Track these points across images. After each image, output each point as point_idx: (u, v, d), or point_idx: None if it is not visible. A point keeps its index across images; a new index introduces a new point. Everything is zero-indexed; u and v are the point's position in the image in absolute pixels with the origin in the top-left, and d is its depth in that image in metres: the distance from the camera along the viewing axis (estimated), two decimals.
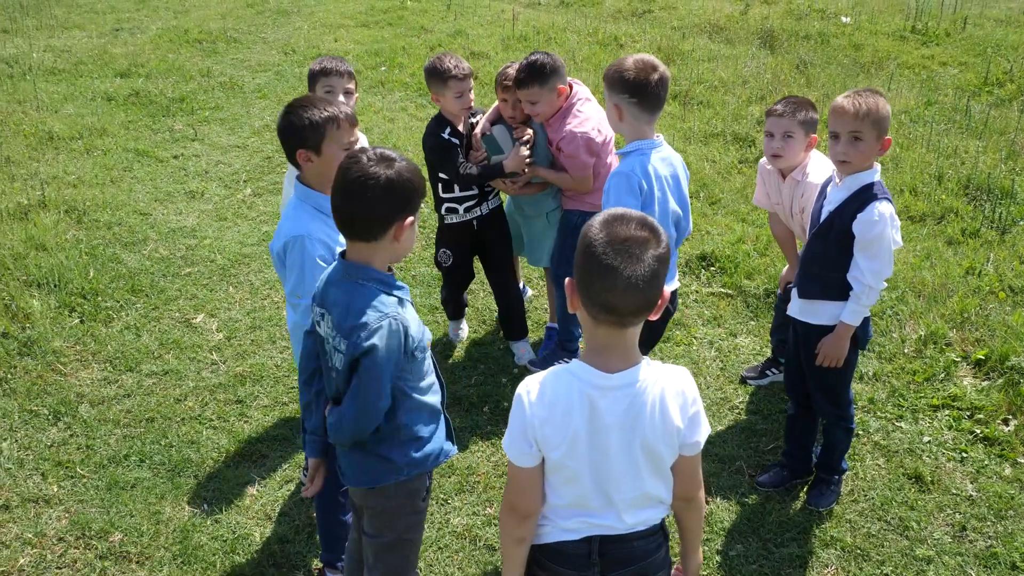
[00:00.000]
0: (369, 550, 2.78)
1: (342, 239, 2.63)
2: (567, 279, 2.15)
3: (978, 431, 4.18)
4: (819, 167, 3.97)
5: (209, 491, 3.90)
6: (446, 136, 4.41)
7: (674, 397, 2.18)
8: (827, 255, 3.46)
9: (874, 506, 3.79)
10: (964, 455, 4.05)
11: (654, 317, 2.15)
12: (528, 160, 4.38)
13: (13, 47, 10.55)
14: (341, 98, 3.95)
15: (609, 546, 2.27)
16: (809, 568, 3.50)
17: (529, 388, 2.21)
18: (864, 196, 3.36)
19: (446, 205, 4.56)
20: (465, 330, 5.07)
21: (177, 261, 5.86)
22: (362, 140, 3.69)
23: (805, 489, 3.87)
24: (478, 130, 4.49)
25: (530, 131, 4.44)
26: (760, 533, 3.66)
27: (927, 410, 4.34)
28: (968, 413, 4.30)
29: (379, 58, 10.06)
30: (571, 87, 4.35)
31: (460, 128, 4.47)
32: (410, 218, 2.52)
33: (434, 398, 2.71)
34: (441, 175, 4.50)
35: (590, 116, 4.27)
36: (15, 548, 3.58)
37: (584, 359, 2.19)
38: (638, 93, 3.39)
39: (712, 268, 5.62)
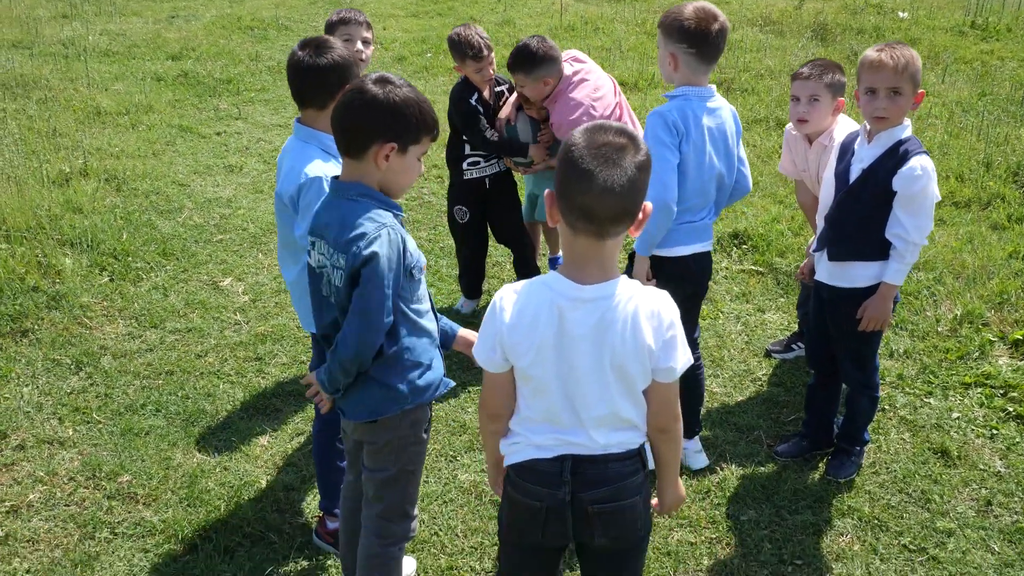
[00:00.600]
0: (370, 485, 2.74)
1: None
2: (547, 191, 2.10)
3: (1011, 409, 4.00)
4: (846, 132, 3.84)
5: (221, 440, 3.91)
6: (472, 102, 4.50)
7: (648, 317, 2.11)
8: (861, 214, 3.33)
9: (896, 478, 3.65)
10: (995, 432, 3.88)
11: (635, 232, 2.09)
12: (547, 155, 4.51)
13: (71, 30, 10.82)
14: (359, 46, 3.95)
15: (582, 466, 2.20)
16: (823, 536, 3.37)
17: (503, 296, 2.18)
18: (901, 151, 3.24)
19: (470, 159, 4.62)
20: (475, 304, 5.04)
21: (210, 228, 5.92)
22: None
23: (824, 461, 3.74)
24: (503, 114, 4.56)
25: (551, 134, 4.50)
26: (774, 500, 3.54)
27: (958, 387, 4.18)
28: (1001, 391, 4.12)
29: (425, 45, 10.12)
30: (573, 62, 4.42)
31: (486, 95, 4.53)
32: (391, 145, 2.47)
33: (431, 324, 2.67)
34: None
35: (582, 101, 4.28)
36: (26, 485, 3.62)
37: (561, 271, 2.14)
38: (697, 43, 3.28)
39: (744, 246, 5.49)
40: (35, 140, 7.32)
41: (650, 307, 2.11)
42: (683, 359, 2.15)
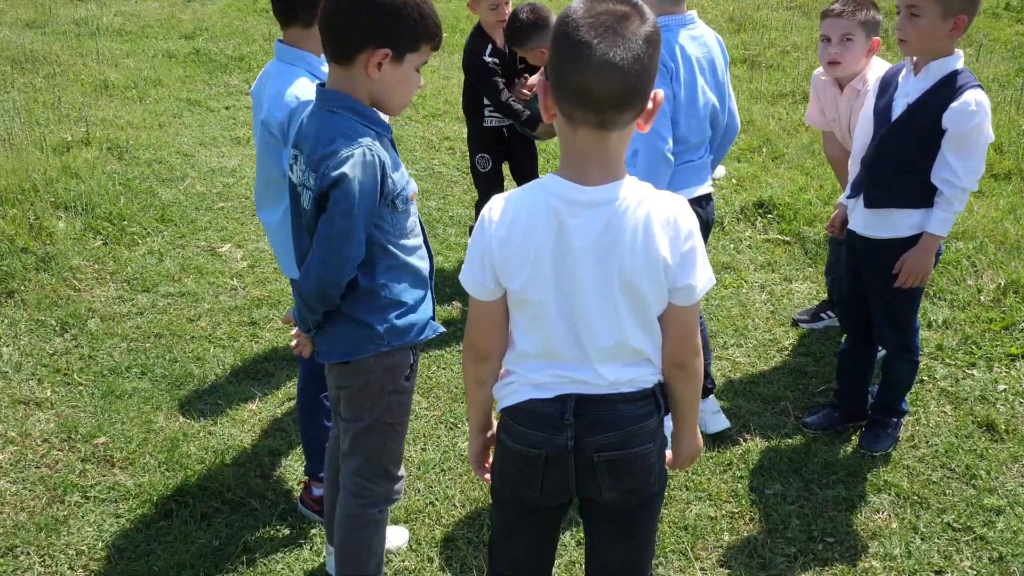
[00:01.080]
0: (346, 437, 2.46)
1: None
2: (541, 80, 1.80)
3: None
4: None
5: (207, 404, 3.65)
6: (487, 58, 4.30)
7: (663, 225, 1.78)
8: (903, 155, 3.01)
9: (937, 453, 3.33)
10: None
11: (644, 125, 1.78)
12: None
13: (85, 11, 10.67)
14: None
15: (587, 407, 1.89)
16: (857, 512, 3.07)
17: (492, 205, 1.86)
18: (953, 84, 2.91)
19: (489, 106, 4.44)
20: None
21: (212, 196, 5.68)
22: None
23: (858, 434, 3.44)
24: (533, 79, 4.37)
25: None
26: (803, 474, 3.24)
27: (1003, 359, 3.85)
28: None
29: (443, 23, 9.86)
30: None
31: (500, 44, 4.33)
32: (384, 51, 2.18)
33: (420, 263, 2.38)
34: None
35: None
36: None
37: (559, 172, 1.81)
38: None
39: (769, 216, 5.18)
40: (39, 111, 7.14)
41: (665, 213, 1.79)
42: (704, 277, 1.83)
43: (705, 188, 3.22)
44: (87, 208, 5.27)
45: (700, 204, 3.20)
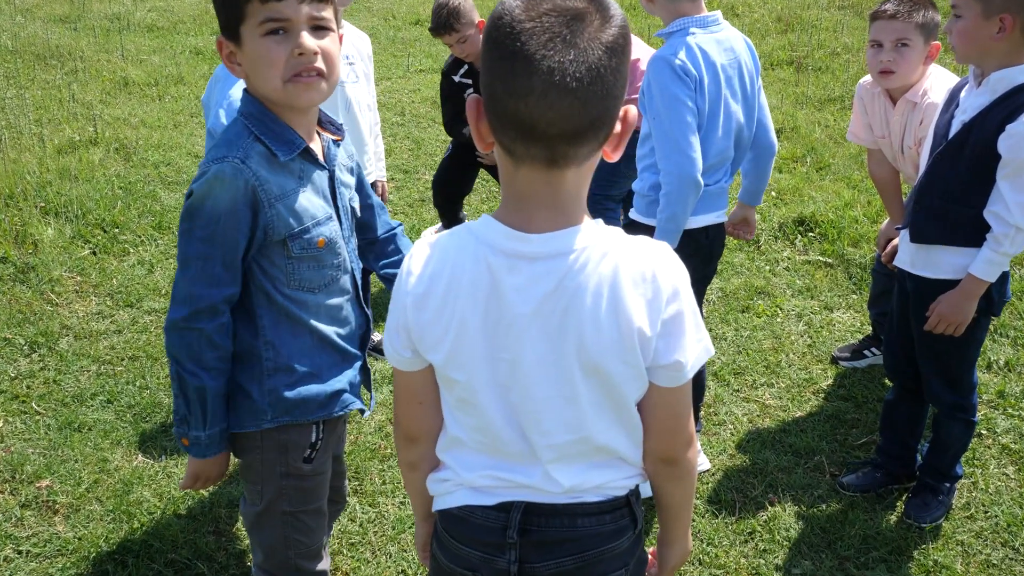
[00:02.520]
0: (245, 522, 2.09)
1: None
2: (471, 97, 1.35)
3: None
4: (943, 85, 3.05)
5: (171, 440, 3.30)
6: (458, 79, 4.24)
7: (636, 283, 1.32)
8: (956, 182, 2.54)
9: (997, 527, 2.86)
10: None
11: (613, 153, 1.33)
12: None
13: (120, 6, 10.49)
14: None
15: (537, 519, 1.44)
16: None
17: (413, 252, 1.42)
18: (1016, 101, 2.43)
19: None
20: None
21: None
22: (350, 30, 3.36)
23: (904, 499, 2.97)
24: None
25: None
26: (837, 548, 2.79)
27: None
28: None
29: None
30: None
31: (478, 66, 4.19)
32: (219, 40, 1.78)
33: (331, 328, 1.94)
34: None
35: None
36: None
37: (496, 214, 1.37)
38: None
39: (810, 234, 4.70)
40: (55, 108, 6.92)
41: (639, 267, 1.33)
42: (695, 348, 1.37)
43: (716, 218, 2.80)
44: (79, 214, 4.98)
45: (706, 233, 2.77)
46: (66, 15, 10.11)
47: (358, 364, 2.03)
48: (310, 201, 1.83)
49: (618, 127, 1.31)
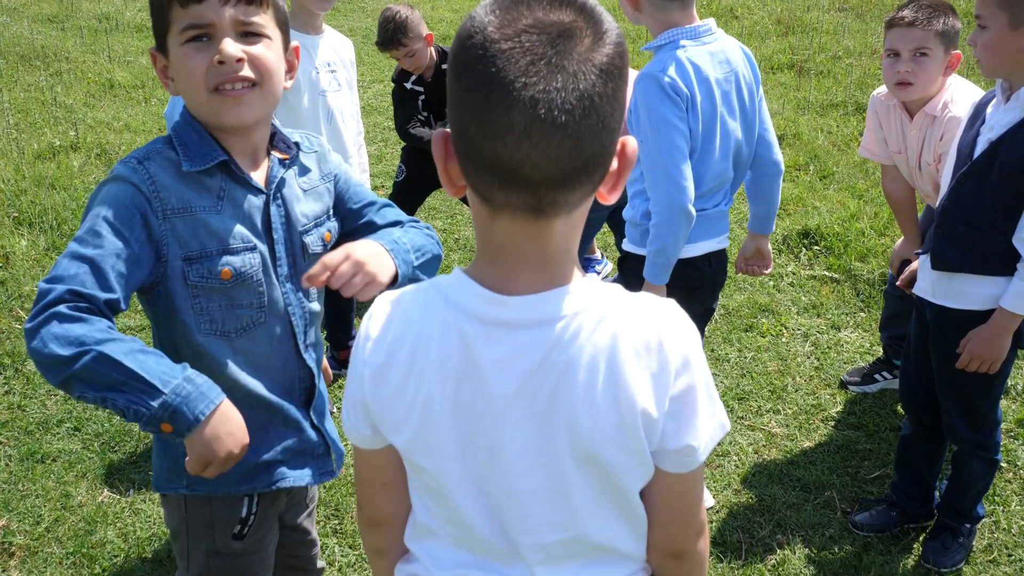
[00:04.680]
0: None
1: None
2: (437, 132, 1.11)
3: None
4: (964, 97, 2.86)
5: (140, 472, 3.11)
6: (408, 85, 4.08)
7: (639, 355, 1.10)
8: (982, 206, 2.35)
9: (1022, 572, 2.67)
10: None
11: (609, 196, 1.11)
12: None
13: (109, 5, 10.29)
14: None
15: None
16: None
17: (374, 313, 1.19)
18: None
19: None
20: None
21: None
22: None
23: (921, 539, 2.78)
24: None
25: None
26: None
27: None
28: None
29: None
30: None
31: (427, 76, 4.06)
32: (153, 55, 1.62)
33: (256, 381, 1.65)
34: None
35: None
36: None
37: (470, 269, 1.14)
38: None
39: (816, 247, 4.51)
40: (36, 111, 6.71)
41: (642, 335, 1.11)
42: (709, 428, 1.15)
43: (717, 244, 2.60)
44: (54, 224, 4.79)
45: (709, 262, 2.58)
46: (54, 14, 9.91)
47: (304, 426, 1.76)
48: (223, 224, 1.58)
49: (615, 163, 1.09)
